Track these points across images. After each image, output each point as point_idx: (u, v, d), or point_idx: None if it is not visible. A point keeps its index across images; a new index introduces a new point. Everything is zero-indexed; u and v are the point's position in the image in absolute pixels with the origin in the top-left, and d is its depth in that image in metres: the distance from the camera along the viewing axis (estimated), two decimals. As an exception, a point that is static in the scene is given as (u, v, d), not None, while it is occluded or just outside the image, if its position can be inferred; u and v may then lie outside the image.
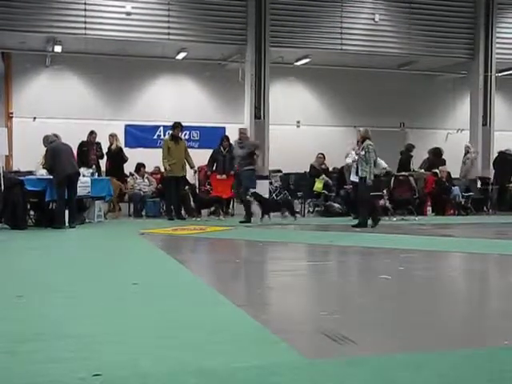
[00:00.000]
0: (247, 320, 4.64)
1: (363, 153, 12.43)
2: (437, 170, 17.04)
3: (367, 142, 12.60)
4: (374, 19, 22.26)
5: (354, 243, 9.97)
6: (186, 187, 14.89)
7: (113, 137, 16.16)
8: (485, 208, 17.52)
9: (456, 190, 16.71)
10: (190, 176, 16.21)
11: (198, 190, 15.83)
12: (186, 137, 23.80)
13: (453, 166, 18.86)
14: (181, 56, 22.17)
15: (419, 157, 19.29)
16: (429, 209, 16.69)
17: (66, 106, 21.60)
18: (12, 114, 21.91)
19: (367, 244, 9.88)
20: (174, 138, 15.17)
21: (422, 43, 22.63)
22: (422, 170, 17.81)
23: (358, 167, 12.55)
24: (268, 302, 5.90)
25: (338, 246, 9.75)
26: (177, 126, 15.42)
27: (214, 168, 15.52)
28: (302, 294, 6.09)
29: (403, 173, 16.99)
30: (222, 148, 15.50)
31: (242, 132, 15.23)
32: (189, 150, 17.79)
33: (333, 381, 3.28)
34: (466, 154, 18.65)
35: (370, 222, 12.58)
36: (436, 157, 18.17)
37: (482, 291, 6.57)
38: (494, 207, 17.69)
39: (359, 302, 5.52)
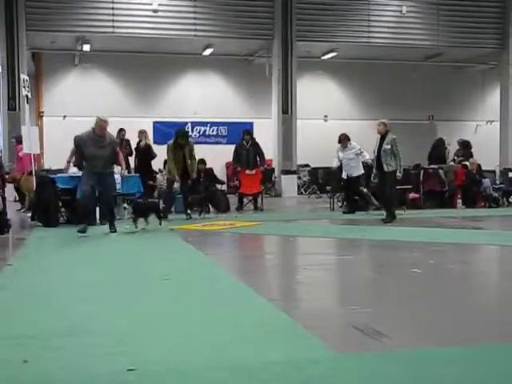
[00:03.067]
0: (279, 315, 4.67)
1: (389, 147, 12.05)
2: (467, 163, 16.86)
3: (391, 135, 12.29)
4: (401, 11, 22.13)
5: (384, 237, 9.94)
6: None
7: (142, 133, 16.16)
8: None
9: (486, 182, 16.52)
10: (219, 172, 16.26)
11: (227, 186, 15.87)
12: (214, 132, 23.93)
13: (483, 158, 18.67)
14: (207, 52, 22.27)
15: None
16: (459, 201, 16.55)
17: (95, 103, 21.84)
18: (43, 113, 22.22)
19: (397, 237, 9.83)
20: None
21: (451, 34, 22.44)
22: (452, 163, 17.62)
23: (381, 161, 12.13)
24: (299, 297, 5.92)
25: (367, 240, 9.73)
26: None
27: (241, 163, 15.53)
28: (332, 288, 6.11)
29: (432, 166, 16.85)
30: (244, 142, 15.51)
31: (100, 124, 10.36)
32: (216, 146, 17.80)
33: (366, 375, 3.28)
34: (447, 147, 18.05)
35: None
36: (466, 149, 17.98)
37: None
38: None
39: (390, 295, 5.52)
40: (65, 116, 21.78)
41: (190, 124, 23.62)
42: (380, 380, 3.21)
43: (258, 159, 15.61)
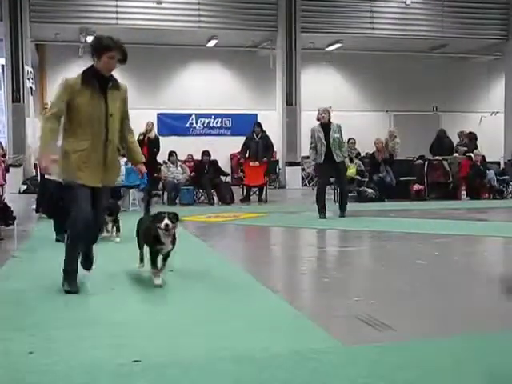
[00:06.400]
0: (283, 306, 4.68)
1: (338, 135, 11.28)
2: (471, 154, 16.85)
3: (335, 122, 11.48)
4: (405, 2, 22.06)
5: (388, 228, 9.94)
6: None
7: (152, 125, 16.48)
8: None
9: (491, 173, 16.51)
10: (223, 164, 16.24)
11: (231, 178, 15.91)
12: (218, 124, 23.88)
13: (487, 150, 18.64)
14: (211, 44, 22.23)
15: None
16: (463, 193, 16.54)
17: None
18: (47, 105, 22.19)
19: (401, 229, 9.84)
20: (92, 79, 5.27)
21: (455, 25, 22.38)
22: (456, 154, 17.60)
23: (331, 152, 11.14)
24: (303, 288, 5.94)
25: (371, 232, 9.73)
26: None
27: (247, 155, 15.56)
28: (336, 279, 6.11)
29: (437, 157, 16.84)
30: (254, 134, 15.53)
31: None
32: (221, 137, 17.57)
33: (371, 366, 3.29)
34: (394, 139, 17.56)
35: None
36: (471, 140, 17.98)
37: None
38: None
39: (394, 287, 5.52)
40: (69, 108, 21.81)
41: (194, 116, 23.62)
42: (385, 371, 3.21)
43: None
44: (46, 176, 8.76)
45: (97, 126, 5.13)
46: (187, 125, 23.54)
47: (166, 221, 5.28)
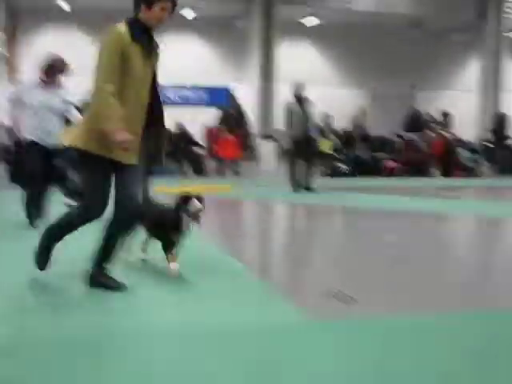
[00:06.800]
0: (253, 280, 4.67)
1: (312, 110, 11.49)
2: (444, 133, 17.00)
3: (309, 98, 11.58)
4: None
5: (360, 204, 9.99)
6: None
7: None
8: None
9: (463, 152, 16.66)
10: (198, 136, 16.09)
11: (208, 150, 15.83)
12: (194, 96, 23.67)
13: (462, 128, 18.77)
14: (187, 14, 21.96)
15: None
16: (436, 171, 16.69)
17: (73, 64, 21.49)
18: (19, 72, 21.83)
19: (373, 205, 9.89)
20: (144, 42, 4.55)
21: (432, 2, 22.37)
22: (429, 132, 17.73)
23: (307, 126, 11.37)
24: (273, 262, 5.94)
25: (343, 207, 9.77)
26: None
27: (223, 127, 15.53)
28: (306, 254, 6.12)
29: (410, 135, 16.95)
30: (230, 107, 15.50)
31: None
32: (197, 109, 17.36)
33: (341, 341, 3.30)
34: (364, 116, 17.62)
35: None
36: (445, 119, 18.16)
37: (490, 253, 6.56)
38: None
39: (364, 262, 5.54)
40: (42, 76, 21.42)
41: (169, 87, 23.39)
42: (353, 345, 3.23)
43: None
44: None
45: (142, 91, 4.40)
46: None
47: (197, 204, 4.43)
